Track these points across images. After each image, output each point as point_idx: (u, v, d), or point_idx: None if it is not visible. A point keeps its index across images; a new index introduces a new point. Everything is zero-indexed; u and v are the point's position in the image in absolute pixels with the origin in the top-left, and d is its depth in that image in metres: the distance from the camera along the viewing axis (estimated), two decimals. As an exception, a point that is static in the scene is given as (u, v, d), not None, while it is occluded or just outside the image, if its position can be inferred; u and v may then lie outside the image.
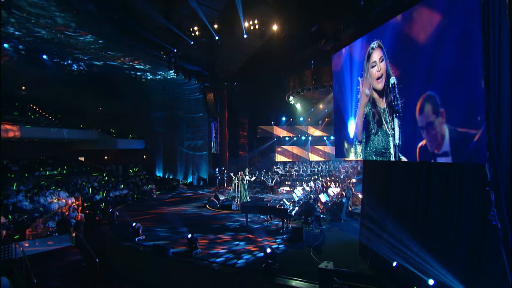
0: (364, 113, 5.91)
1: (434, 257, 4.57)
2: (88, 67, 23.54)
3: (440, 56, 4.13)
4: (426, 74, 4.34)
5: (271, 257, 6.34)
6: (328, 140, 22.32)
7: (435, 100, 4.06)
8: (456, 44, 3.89)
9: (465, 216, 4.25)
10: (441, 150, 3.98)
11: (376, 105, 5.59)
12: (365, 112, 5.90)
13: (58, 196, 14.08)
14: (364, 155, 6.10)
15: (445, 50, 4.04)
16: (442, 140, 3.93)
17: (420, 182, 4.84)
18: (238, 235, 9.01)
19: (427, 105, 4.24)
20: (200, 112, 22.90)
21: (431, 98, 4.14)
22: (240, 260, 7.07)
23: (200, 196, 16.13)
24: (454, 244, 4.41)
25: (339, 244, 8.15)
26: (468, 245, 4.23)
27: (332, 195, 12.19)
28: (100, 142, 25.20)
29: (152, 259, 7.68)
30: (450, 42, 3.95)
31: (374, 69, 5.56)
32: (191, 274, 7.02)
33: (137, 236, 8.67)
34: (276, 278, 6.14)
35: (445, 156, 3.95)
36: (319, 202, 10.93)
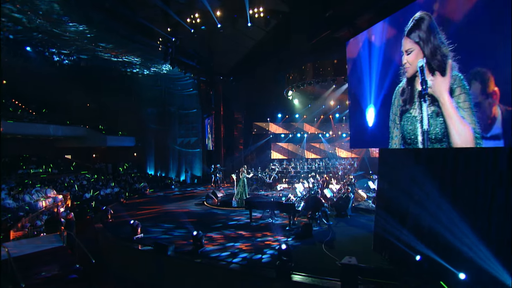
0: (394, 103, 5.55)
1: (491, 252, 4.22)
2: (75, 60, 22.50)
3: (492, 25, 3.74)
4: (475, 48, 3.99)
5: (286, 254, 5.93)
6: (323, 137, 22.13)
7: (486, 77, 3.74)
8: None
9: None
10: (489, 133, 3.67)
11: (404, 89, 5.28)
12: (395, 102, 5.56)
13: (45, 194, 13.21)
14: (385, 143, 5.77)
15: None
16: (492, 122, 3.62)
17: (456, 169, 4.53)
18: (243, 232, 8.56)
19: (474, 84, 3.93)
20: (193, 108, 22.29)
21: (481, 75, 3.82)
22: (250, 258, 6.63)
23: (197, 194, 15.56)
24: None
25: (350, 240, 7.84)
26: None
27: (334, 191, 11.91)
28: (88, 139, 24.13)
29: (153, 258, 7.14)
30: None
31: (404, 52, 5.22)
32: (197, 273, 6.52)
33: (136, 234, 8.08)
34: (291, 276, 5.74)
35: (495, 139, 3.64)
36: (323, 197, 10.60)
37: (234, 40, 13.38)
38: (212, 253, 6.94)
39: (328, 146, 21.91)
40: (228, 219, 10.10)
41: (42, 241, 8.78)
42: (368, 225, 9.09)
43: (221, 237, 8.21)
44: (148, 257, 7.31)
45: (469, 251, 4.43)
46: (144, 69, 21.94)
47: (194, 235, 6.84)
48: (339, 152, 22.04)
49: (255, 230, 8.78)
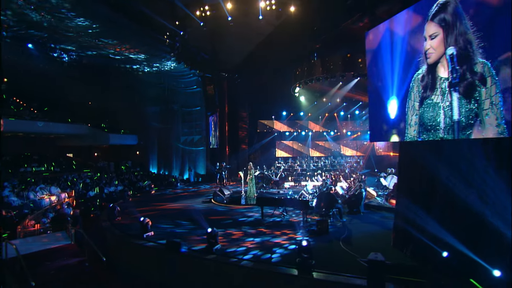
0: (412, 90, 5.37)
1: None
2: (77, 57, 22.23)
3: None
4: (503, 33, 3.82)
5: (306, 251, 5.72)
6: (328, 135, 21.94)
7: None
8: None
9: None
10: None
11: (424, 76, 5.09)
12: (414, 89, 5.37)
13: (49, 192, 12.98)
14: (409, 136, 5.57)
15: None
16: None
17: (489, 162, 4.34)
18: (256, 230, 8.34)
19: (503, 71, 3.75)
20: (197, 106, 22.06)
21: (509, 62, 3.63)
22: (266, 255, 6.42)
23: (202, 192, 15.33)
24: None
25: (367, 236, 7.63)
26: None
27: (344, 188, 11.73)
28: (90, 137, 23.88)
29: (165, 256, 6.92)
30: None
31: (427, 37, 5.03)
32: (212, 271, 6.30)
33: (146, 232, 7.85)
34: (312, 273, 5.53)
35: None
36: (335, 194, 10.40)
37: (241, 36, 13.15)
38: (227, 250, 6.74)
39: (333, 144, 21.72)
40: (238, 217, 9.88)
41: (49, 238, 8.58)
42: (383, 222, 8.93)
43: (234, 234, 7.99)
44: (160, 255, 7.09)
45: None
46: (147, 67, 21.66)
47: (208, 232, 6.61)
48: (344, 150, 21.88)
49: (268, 227, 8.56)
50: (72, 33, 16.40)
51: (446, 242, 4.93)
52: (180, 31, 11.52)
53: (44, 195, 12.41)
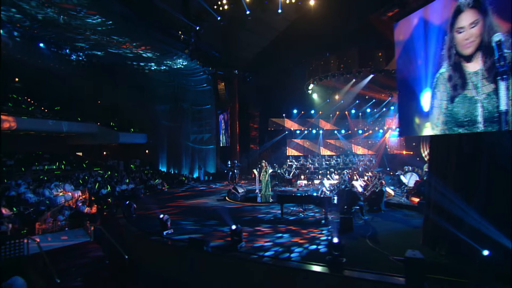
0: (438, 89, 5.14)
1: None
2: (87, 57, 22.29)
3: None
4: None
5: (337, 248, 5.53)
6: (339, 133, 21.66)
7: None
8: None
9: None
10: None
11: (458, 75, 4.87)
12: (440, 87, 5.15)
13: (64, 189, 12.94)
14: (443, 129, 5.33)
15: None
16: None
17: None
18: (277, 227, 8.16)
19: None
20: (207, 104, 21.93)
21: None
22: (292, 254, 6.23)
23: (215, 190, 15.19)
24: None
25: (393, 234, 7.40)
26: None
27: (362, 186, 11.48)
28: (100, 136, 23.90)
29: (188, 255, 6.75)
30: None
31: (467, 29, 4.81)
32: (238, 269, 6.13)
33: (166, 229, 7.70)
34: (344, 272, 5.33)
35: None
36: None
37: (256, 32, 12.97)
38: (251, 248, 6.57)
39: (345, 143, 21.44)
40: (256, 214, 9.71)
41: (68, 235, 8.50)
42: (406, 220, 8.69)
43: (255, 232, 7.82)
44: (182, 253, 6.93)
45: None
46: (157, 65, 21.60)
47: (233, 229, 6.45)
48: (355, 149, 21.58)
49: (289, 224, 8.39)
50: (84, 30, 16.38)
51: (490, 239, 4.68)
52: (196, 26, 11.34)
53: (59, 192, 12.38)
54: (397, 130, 19.40)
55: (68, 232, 8.86)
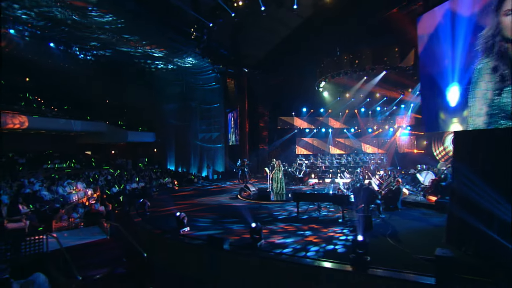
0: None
1: None
2: (96, 56, 22.42)
3: None
4: None
5: (362, 247, 5.42)
6: (348, 132, 21.47)
7: None
8: None
9: None
10: None
11: (505, 65, 4.63)
12: (484, 78, 4.93)
13: (76, 187, 13.00)
14: (475, 125, 5.16)
15: None
16: None
17: None
18: (295, 225, 8.06)
19: None
20: (216, 103, 21.90)
21: None
22: (309, 252, 6.13)
23: (226, 189, 15.12)
24: None
25: (414, 233, 7.26)
26: None
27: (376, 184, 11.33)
28: (108, 134, 24.04)
29: (206, 252, 6.68)
30: None
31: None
32: (259, 267, 6.04)
33: (182, 227, 7.65)
34: (369, 270, 5.22)
35: None
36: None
37: (268, 29, 12.87)
38: (271, 246, 6.48)
39: (354, 141, 21.25)
40: (272, 213, 9.62)
41: (84, 233, 8.50)
42: (425, 218, 8.52)
43: (272, 230, 7.73)
44: (200, 251, 6.86)
45: None
46: (166, 64, 21.64)
47: (253, 227, 6.37)
48: (365, 148, 21.38)
49: (306, 223, 8.28)
50: (95, 29, 16.44)
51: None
52: (209, 23, 11.26)
53: (72, 190, 12.43)
54: (407, 128, 19.17)
55: (84, 229, 8.88)
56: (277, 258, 5.93)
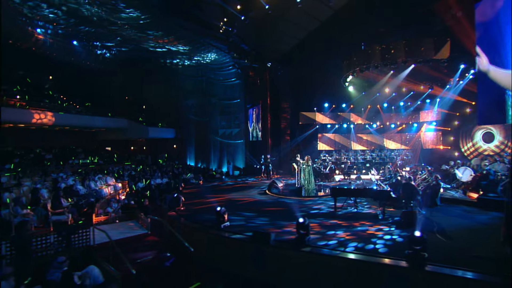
0: None
1: None
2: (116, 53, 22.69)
3: None
4: None
5: (419, 243, 5.26)
6: (371, 128, 21.05)
7: None
8: None
9: None
10: None
11: None
12: None
13: (106, 182, 13.22)
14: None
15: None
16: None
17: None
18: (335, 221, 7.93)
19: None
20: (236, 99, 21.85)
21: None
22: (360, 247, 6.01)
23: (251, 184, 15.07)
24: None
25: (462, 230, 7.02)
26: None
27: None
28: (130, 131, 24.36)
29: (251, 248, 6.62)
30: None
31: None
32: (308, 263, 5.95)
33: (223, 222, 7.63)
34: (427, 267, 5.06)
35: None
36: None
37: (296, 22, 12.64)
38: (317, 241, 6.39)
39: (378, 137, 20.84)
40: (306, 208, 9.51)
41: (123, 227, 8.59)
42: (470, 216, 8.23)
43: (314, 226, 7.62)
44: (245, 247, 6.80)
45: None
46: (186, 60, 21.71)
47: (300, 222, 6.28)
48: (388, 144, 20.94)
49: (346, 219, 8.14)
50: (118, 26, 16.56)
51: None
52: (241, 16, 11.10)
53: (103, 185, 12.63)
54: (433, 123, 18.66)
55: (122, 224, 8.99)
56: (328, 254, 5.83)
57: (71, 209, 8.65)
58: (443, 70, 14.53)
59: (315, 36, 14.02)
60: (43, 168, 16.02)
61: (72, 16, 15.80)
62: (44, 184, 10.64)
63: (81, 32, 18.98)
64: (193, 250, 6.63)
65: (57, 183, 11.11)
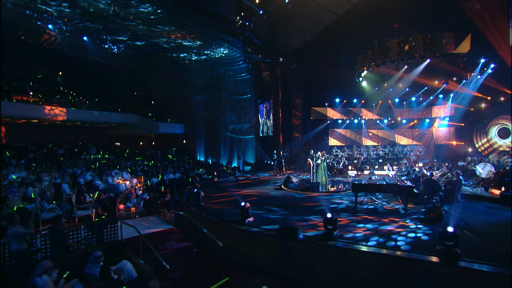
0: None
1: None
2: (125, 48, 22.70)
3: None
4: None
5: (451, 238, 5.26)
6: (382, 123, 20.93)
7: None
8: None
9: None
10: None
11: None
12: None
13: (122, 177, 13.33)
14: None
15: None
16: None
17: None
18: (356, 216, 7.94)
19: None
20: (247, 94, 21.78)
21: None
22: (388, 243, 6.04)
23: (264, 179, 15.11)
24: None
25: (488, 226, 7.04)
26: None
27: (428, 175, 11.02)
28: (140, 126, 24.44)
29: (279, 243, 6.64)
30: None
31: None
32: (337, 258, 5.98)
33: (247, 217, 7.68)
34: (460, 263, 5.07)
35: None
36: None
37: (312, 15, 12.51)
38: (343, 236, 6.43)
39: (389, 133, 20.73)
40: (326, 203, 9.52)
41: (147, 222, 8.67)
42: (493, 212, 8.20)
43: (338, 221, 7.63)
44: (271, 241, 6.82)
45: None
46: (196, 55, 21.63)
47: (328, 218, 6.31)
48: (399, 139, 20.83)
49: (368, 214, 8.15)
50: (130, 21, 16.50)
51: None
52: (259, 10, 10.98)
53: (120, 180, 12.74)
54: (446, 119, 18.50)
55: (145, 219, 9.06)
56: (358, 249, 5.85)
57: (95, 204, 8.75)
58: (459, 64, 14.34)
59: (329, 30, 13.88)
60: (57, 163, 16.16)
61: (85, 11, 15.78)
62: (64, 179, 10.75)
63: (92, 28, 18.98)
64: (222, 245, 6.67)
65: (75, 178, 11.23)
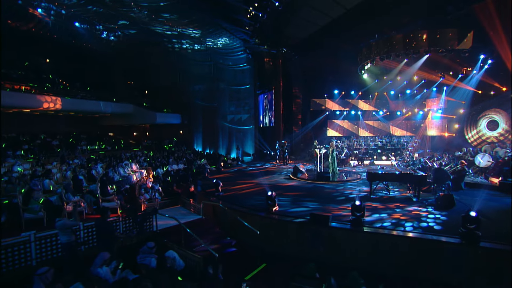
0: None
1: None
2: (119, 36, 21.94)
3: None
4: None
5: (473, 221, 5.80)
6: (378, 115, 21.64)
7: None
8: None
9: None
10: None
11: None
12: None
13: (131, 168, 13.25)
14: None
15: None
16: None
17: None
18: (374, 204, 8.44)
19: None
20: (246, 84, 21.78)
21: None
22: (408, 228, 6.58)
23: (271, 170, 15.43)
24: None
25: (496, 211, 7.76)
26: None
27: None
28: (136, 116, 23.95)
29: (311, 231, 6.98)
30: None
31: None
32: (370, 243, 6.42)
33: (274, 206, 7.99)
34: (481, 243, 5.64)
35: None
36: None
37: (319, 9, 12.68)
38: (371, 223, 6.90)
39: (385, 124, 21.50)
40: (338, 192, 9.99)
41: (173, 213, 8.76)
42: (495, 198, 8.93)
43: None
44: (301, 229, 7.12)
45: None
46: (194, 44, 21.25)
47: (357, 205, 6.73)
48: (394, 131, 21.66)
49: (383, 201, 8.67)
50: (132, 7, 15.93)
51: None
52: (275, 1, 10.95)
53: (130, 171, 12.67)
54: (439, 111, 19.41)
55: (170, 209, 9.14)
56: (388, 233, 6.32)
57: (119, 196, 8.76)
58: (456, 59, 15.06)
59: (333, 23, 14.12)
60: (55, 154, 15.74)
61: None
62: (80, 171, 10.59)
63: (86, 13, 18.20)
64: (259, 232, 6.93)
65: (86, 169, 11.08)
